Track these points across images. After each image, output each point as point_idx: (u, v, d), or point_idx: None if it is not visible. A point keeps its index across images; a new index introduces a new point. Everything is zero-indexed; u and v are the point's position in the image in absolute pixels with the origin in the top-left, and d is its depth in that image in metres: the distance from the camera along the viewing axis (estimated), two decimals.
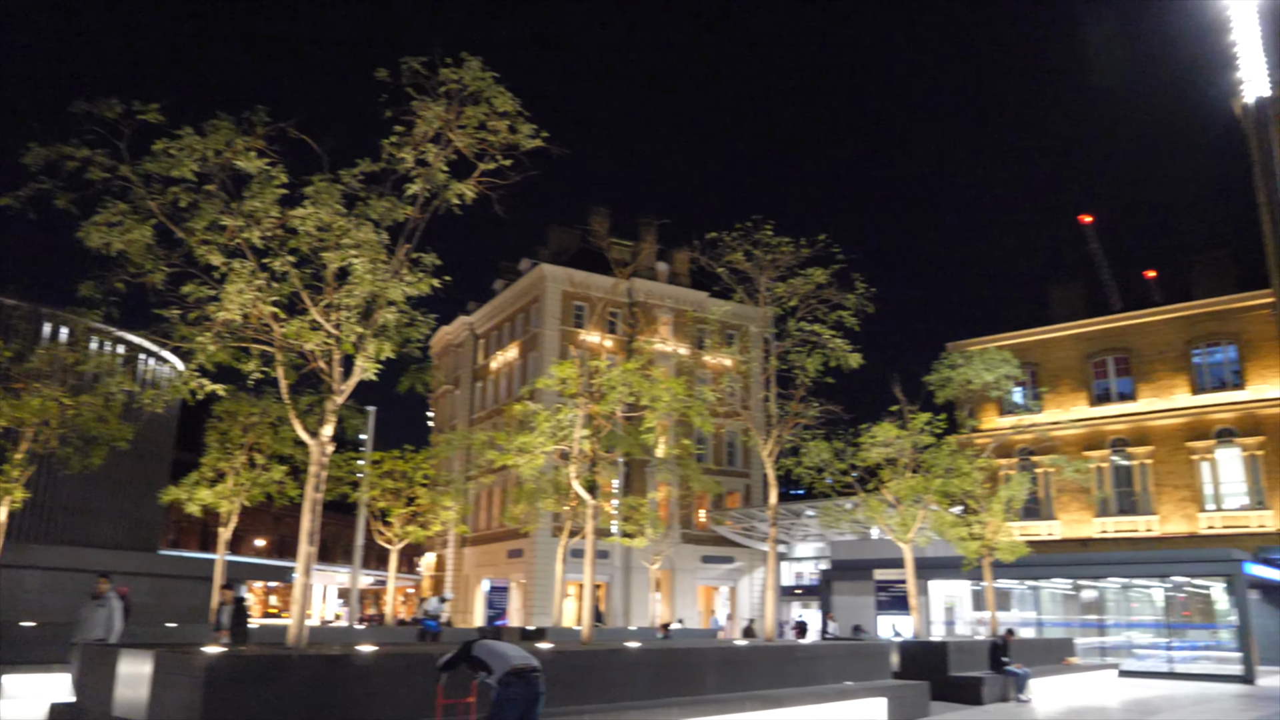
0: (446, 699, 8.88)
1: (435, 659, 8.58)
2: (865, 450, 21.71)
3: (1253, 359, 39.52)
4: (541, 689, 8.04)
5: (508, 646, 8.35)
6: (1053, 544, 42.01)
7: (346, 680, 9.01)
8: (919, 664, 18.77)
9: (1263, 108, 24.73)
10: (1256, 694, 22.77)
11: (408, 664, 9.67)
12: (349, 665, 9.27)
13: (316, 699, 8.63)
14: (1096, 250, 57.79)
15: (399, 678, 9.29)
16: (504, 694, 7.88)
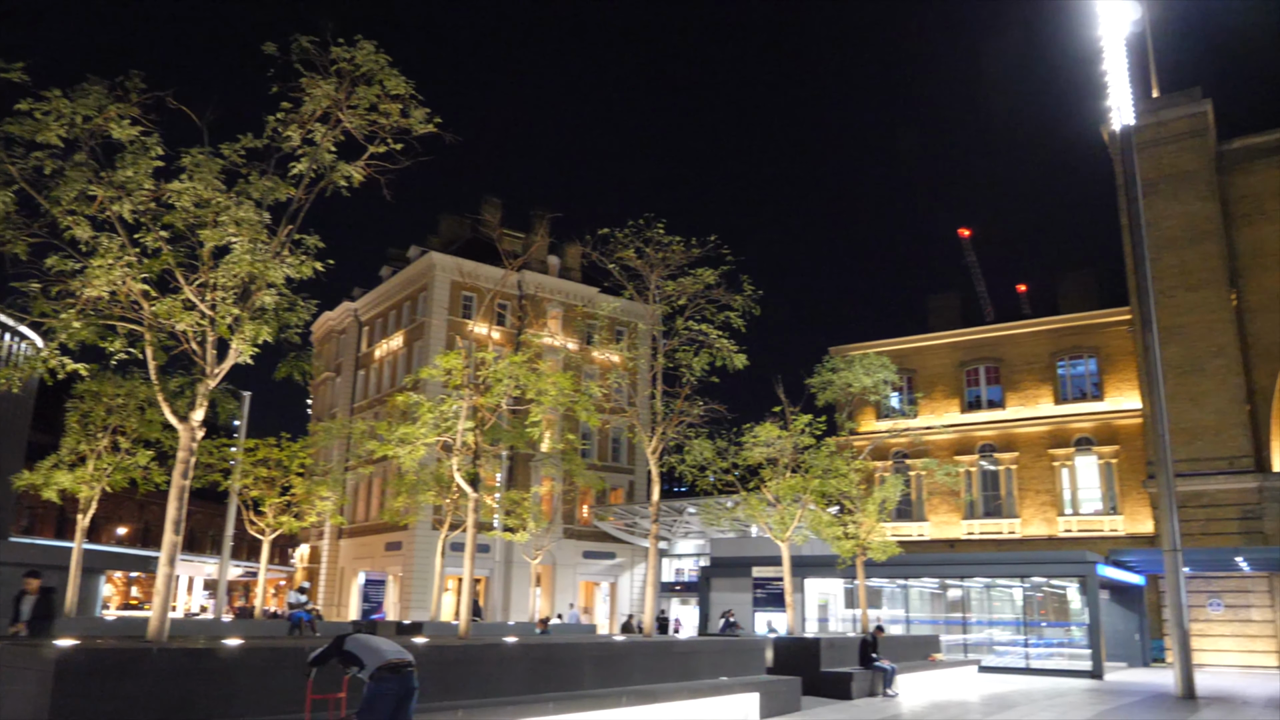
0: (316, 694, 8.64)
1: (305, 653, 8.34)
2: (747, 450, 22.10)
3: (1111, 372, 41.85)
4: (415, 684, 7.91)
5: (381, 641, 8.18)
6: (923, 544, 43.63)
7: (209, 675, 8.66)
8: (792, 660, 19.20)
9: (1127, 135, 26.13)
10: (1104, 688, 24.11)
11: (275, 658, 9.37)
12: (212, 659, 8.92)
13: (177, 694, 8.27)
14: (973, 263, 60.37)
15: (266, 672, 8.99)
16: (376, 689, 7.72)
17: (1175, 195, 38.69)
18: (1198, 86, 39.48)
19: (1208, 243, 37.93)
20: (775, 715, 15.31)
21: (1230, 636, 34.84)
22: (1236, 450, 35.92)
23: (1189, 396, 36.50)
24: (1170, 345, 36.01)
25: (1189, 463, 35.90)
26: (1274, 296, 37.34)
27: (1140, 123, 36.68)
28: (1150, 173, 38.03)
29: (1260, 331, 37.35)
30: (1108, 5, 25.85)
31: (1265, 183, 38.59)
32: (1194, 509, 35.61)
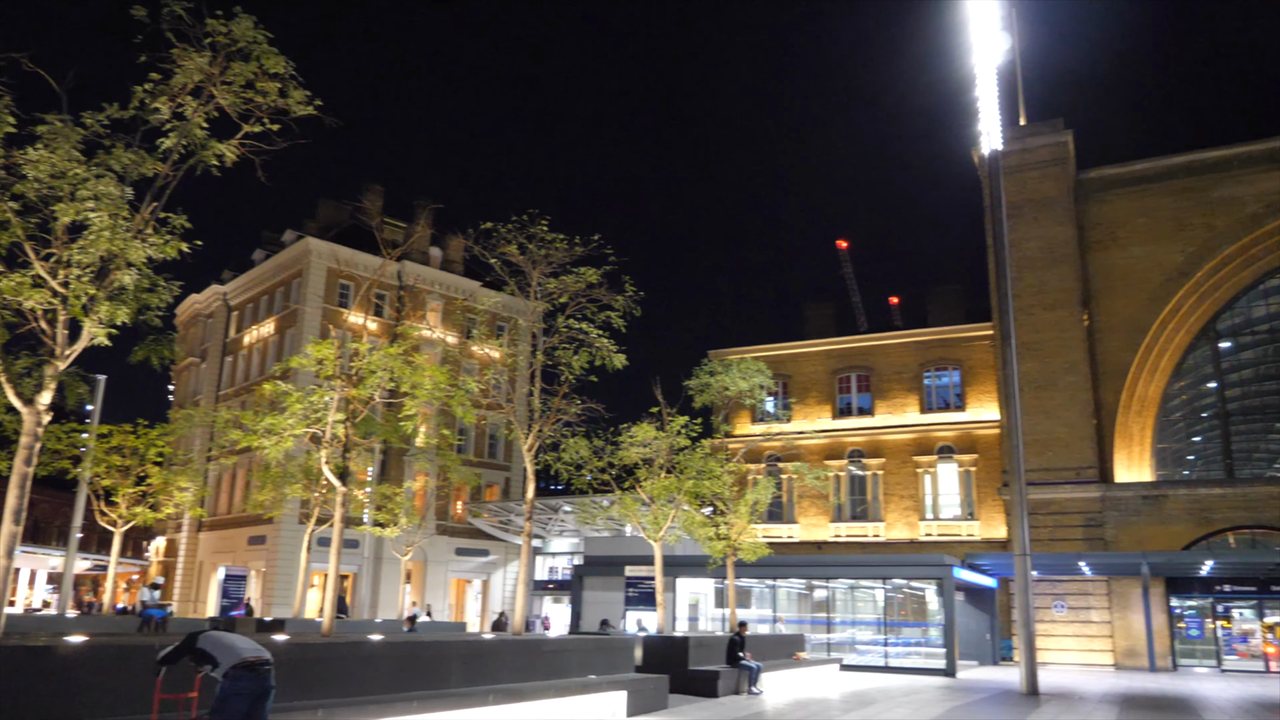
0: (165, 694, 8.25)
1: (155, 651, 7.96)
2: (624, 449, 22.23)
3: (973, 384, 43.81)
4: (272, 683, 7.64)
5: (237, 638, 7.88)
6: (792, 546, 44.73)
7: (49, 673, 8.17)
8: (661, 658, 19.38)
9: (994, 160, 27.41)
10: (956, 685, 25.20)
11: (122, 656, 8.91)
12: (52, 657, 8.42)
13: (11, 694, 7.78)
14: (849, 274, 62.16)
15: (111, 671, 8.54)
16: (230, 688, 7.43)
17: (1037, 219, 40.81)
18: (1061, 118, 41.80)
19: (1064, 265, 40.13)
20: (642, 713, 15.44)
21: (1072, 636, 36.94)
22: (1083, 461, 38.11)
23: (1043, 410, 38.52)
24: (1027, 361, 37.96)
25: (1040, 472, 37.88)
26: (1121, 319, 39.81)
27: (1007, 149, 38.53)
28: (1015, 196, 40.02)
29: (1107, 351, 39.76)
30: (981, 36, 27.04)
31: (1117, 212, 41.13)
32: (1043, 516, 37.60)
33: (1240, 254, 39.36)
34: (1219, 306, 40.31)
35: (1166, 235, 40.17)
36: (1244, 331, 41.93)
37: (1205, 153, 40.54)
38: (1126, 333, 39.71)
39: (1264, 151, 39.46)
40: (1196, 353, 40.96)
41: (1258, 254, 39.49)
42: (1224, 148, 40.31)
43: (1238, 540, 37.43)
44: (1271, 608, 35.88)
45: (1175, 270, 39.62)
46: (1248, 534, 37.21)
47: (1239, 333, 41.86)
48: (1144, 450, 39.75)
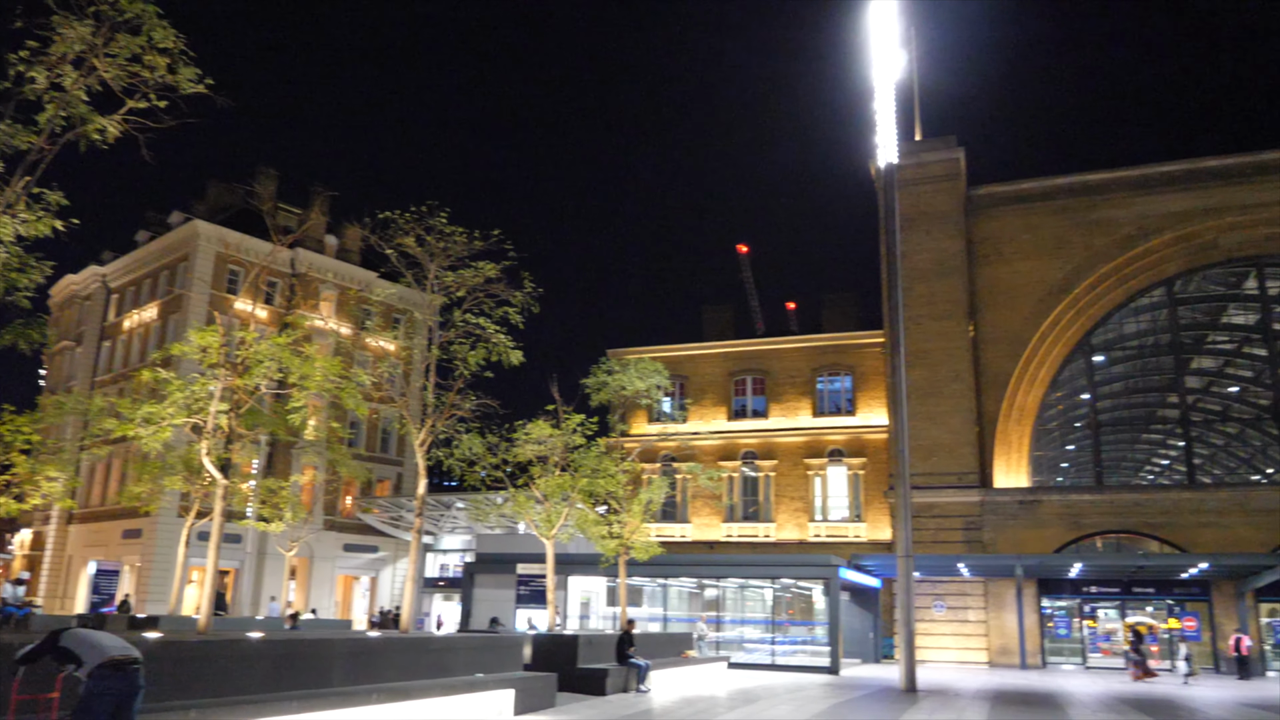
0: (24, 694, 7.83)
1: (13, 649, 7.55)
2: (519, 446, 22.11)
3: (864, 389, 45.00)
4: (140, 683, 7.33)
5: (104, 636, 7.53)
6: (684, 545, 45.16)
7: None
8: (550, 656, 19.34)
9: (890, 173, 28.21)
10: (839, 683, 25.85)
11: None
12: None
13: None
14: (748, 278, 63.11)
15: None
16: (95, 688, 7.09)
17: (929, 232, 42.17)
18: (954, 135, 43.28)
19: (953, 278, 41.58)
20: (529, 712, 15.37)
21: (951, 635, 38.29)
22: (965, 467, 39.55)
23: (929, 416, 39.83)
24: (916, 368, 39.18)
25: (925, 476, 39.15)
26: (1004, 331, 41.47)
27: (902, 163, 39.63)
28: (909, 209, 41.26)
29: (990, 361, 41.37)
30: (881, 51, 27.79)
31: (1003, 228, 42.84)
32: (927, 519, 38.87)
33: (1115, 273, 41.45)
34: (1094, 322, 42.35)
35: (1049, 252, 42.01)
36: (1116, 346, 44.15)
37: (1086, 175, 42.56)
38: (1009, 344, 41.37)
39: (1138, 177, 41.65)
40: (1072, 365, 42.92)
41: (1130, 273, 41.64)
42: (1103, 172, 42.39)
43: (1105, 544, 39.41)
44: (1133, 608, 37.87)
45: (1055, 286, 41.47)
46: (1114, 538, 39.21)
47: (1111, 348, 44.05)
48: (1022, 457, 41.48)
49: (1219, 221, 40.56)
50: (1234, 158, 40.92)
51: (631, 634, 20.97)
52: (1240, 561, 33.08)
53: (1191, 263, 41.82)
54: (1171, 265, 41.82)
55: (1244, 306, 44.32)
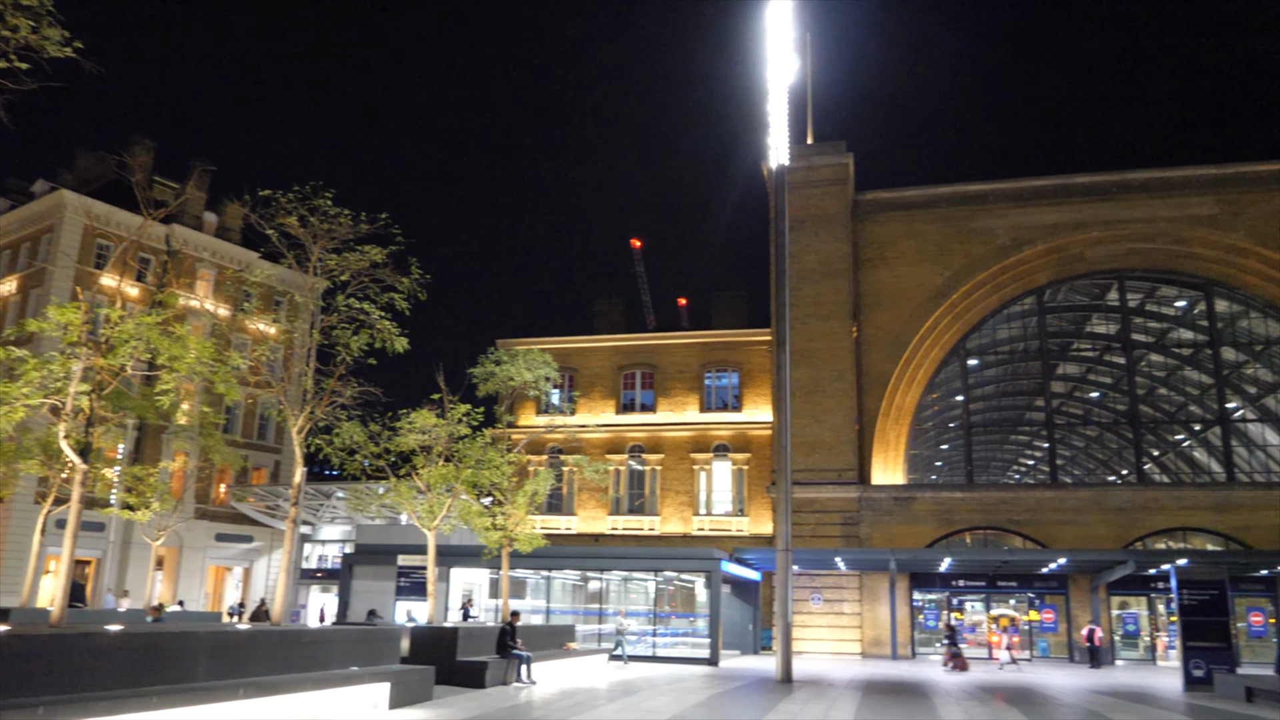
0: None
1: None
2: (402, 436, 21.66)
3: (750, 386, 45.76)
4: None
5: None
6: (570, 537, 45.13)
7: None
8: (429, 649, 19.05)
9: (781, 175, 28.71)
10: (718, 674, 26.23)
11: None
12: None
13: None
14: (641, 273, 63.49)
15: None
16: None
17: (817, 234, 43.14)
18: (844, 140, 44.37)
19: (839, 279, 42.65)
20: (406, 705, 15.10)
21: (826, 627, 39.32)
22: (845, 464, 40.65)
23: (812, 414, 40.78)
24: (800, 367, 40.08)
25: (806, 472, 40.08)
26: (886, 332, 42.78)
27: (794, 165, 40.47)
28: (799, 210, 42.15)
29: (872, 362, 42.63)
30: (776, 55, 28.24)
31: (887, 233, 44.19)
32: (807, 514, 39.81)
33: (990, 280, 43.22)
34: (969, 327, 44.08)
35: (930, 258, 43.51)
36: (989, 351, 46.03)
37: (967, 186, 44.25)
38: (890, 346, 42.70)
39: (1014, 190, 43.54)
40: (948, 368, 44.59)
41: (1005, 281, 43.50)
42: (982, 183, 44.16)
43: (973, 540, 41.11)
44: (997, 601, 39.63)
45: (935, 291, 42.99)
46: (982, 534, 40.94)
47: (985, 352, 45.91)
48: (899, 455, 42.88)
49: (1086, 235, 42.72)
50: (1101, 175, 43.15)
51: (515, 626, 20.83)
52: (1095, 557, 34.95)
53: (1060, 273, 43.95)
54: (1042, 275, 43.86)
55: (1106, 317, 46.82)
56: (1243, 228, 41.29)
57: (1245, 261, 41.61)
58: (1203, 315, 43.68)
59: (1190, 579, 24.83)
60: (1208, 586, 24.65)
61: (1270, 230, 40.99)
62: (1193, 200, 42.05)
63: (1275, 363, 43.88)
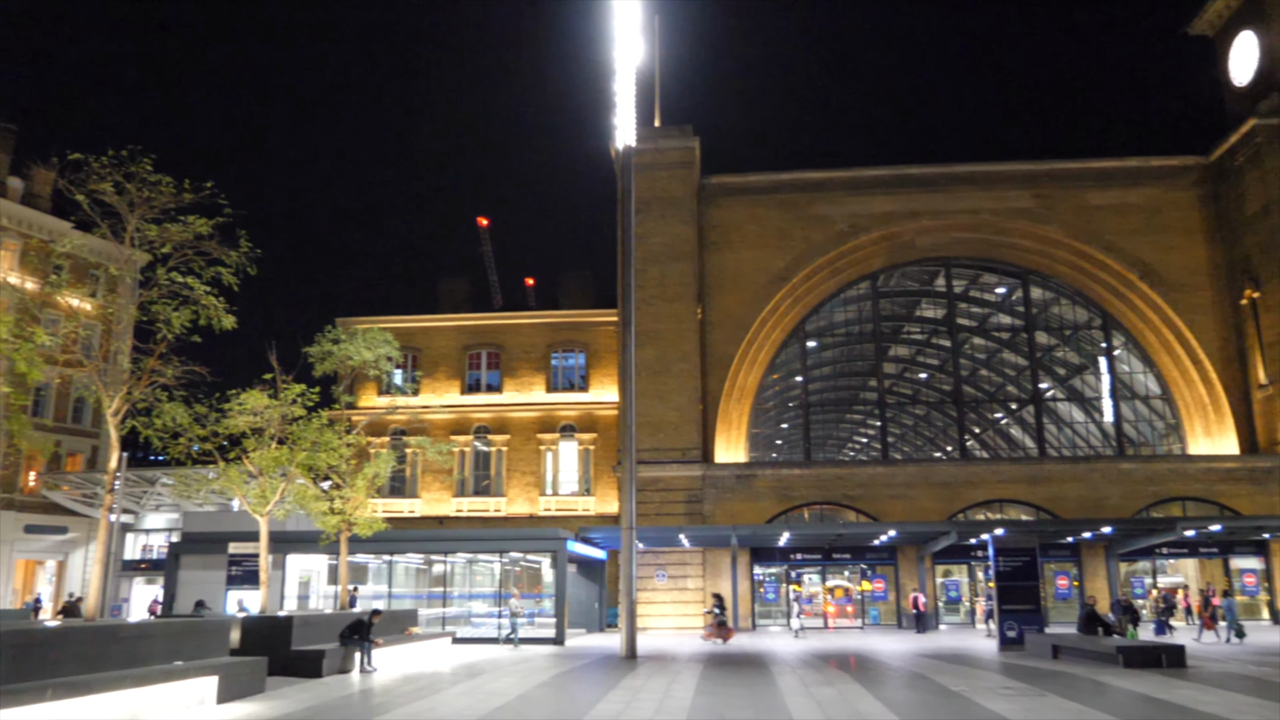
0: None
1: None
2: (231, 417, 20.60)
3: (597, 366, 45.93)
4: None
5: None
6: (413, 521, 44.23)
7: None
8: (262, 640, 18.31)
9: (628, 156, 28.81)
10: (564, 653, 26.31)
11: None
12: None
13: None
14: (488, 252, 62.64)
15: None
16: None
17: (664, 216, 43.59)
18: (691, 124, 44.90)
19: (684, 262, 43.27)
20: (235, 699, 14.45)
21: (671, 603, 40.05)
22: (689, 443, 41.41)
23: (657, 394, 41.30)
24: (646, 348, 40.49)
25: (652, 451, 40.60)
26: (729, 315, 43.76)
27: (641, 147, 40.65)
28: (645, 193, 42.46)
29: (715, 343, 43.55)
30: (624, 34, 28.26)
31: (731, 217, 45.14)
32: (652, 492, 40.36)
33: (828, 265, 44.80)
34: (808, 310, 45.61)
35: (772, 243, 44.71)
36: (827, 334, 47.78)
37: (807, 173, 45.66)
38: (733, 328, 43.70)
39: (850, 179, 45.24)
40: (788, 350, 46.02)
41: (842, 266, 45.18)
42: (821, 171, 45.68)
43: (811, 515, 42.72)
44: (832, 573, 41.34)
45: (776, 275, 44.22)
46: (819, 509, 42.58)
47: (823, 334, 47.63)
48: (741, 434, 44.02)
49: (917, 224, 44.84)
50: (931, 167, 45.35)
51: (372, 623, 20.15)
52: (921, 529, 36.93)
53: (893, 260, 46.02)
54: (876, 261, 45.81)
55: (934, 302, 49.39)
56: (1056, 220, 44.27)
57: (1058, 252, 44.64)
58: (1020, 302, 46.66)
59: (1005, 547, 26.55)
60: (1021, 554, 26.43)
61: (1080, 223, 44.11)
62: (1012, 194, 44.78)
63: (1082, 347, 47.40)
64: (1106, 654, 19.88)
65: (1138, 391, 45.80)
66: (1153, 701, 13.97)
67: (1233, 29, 45.92)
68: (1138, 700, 14.25)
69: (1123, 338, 45.34)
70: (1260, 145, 41.68)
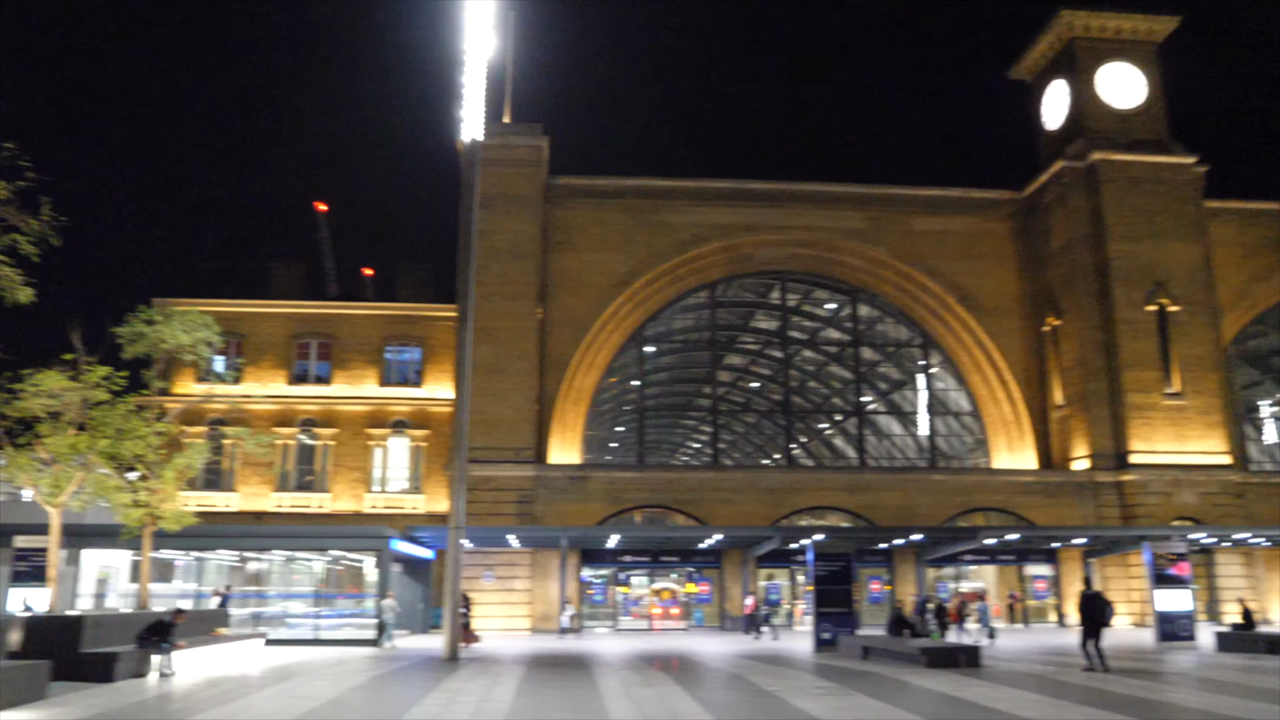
0: None
1: None
2: (24, 400, 18.96)
3: (433, 362, 44.99)
4: None
5: None
6: (229, 516, 42.06)
7: None
8: (46, 641, 16.92)
9: (475, 150, 28.41)
10: (384, 655, 25.60)
11: None
12: None
13: None
14: (325, 238, 60.26)
15: None
16: None
17: (509, 213, 43.13)
18: (540, 123, 44.67)
19: (527, 260, 42.97)
20: (10, 707, 13.28)
21: (498, 604, 39.61)
22: (524, 443, 41.11)
23: (493, 392, 40.80)
24: (484, 345, 39.91)
25: (485, 450, 40.05)
26: (569, 316, 43.77)
27: (488, 141, 40.01)
28: (491, 188, 41.86)
29: (554, 344, 43.46)
30: (476, 25, 27.80)
31: (577, 218, 45.20)
32: (484, 491, 39.81)
33: (670, 272, 45.49)
34: (648, 315, 46.18)
35: (615, 247, 45.02)
36: (665, 340, 48.55)
37: (653, 181, 46.25)
38: (573, 329, 43.72)
39: (695, 189, 46.15)
40: (626, 354, 46.45)
41: (683, 274, 45.97)
42: (667, 180, 46.40)
43: (642, 518, 43.21)
44: (660, 575, 41.95)
45: (619, 279, 44.55)
46: (650, 512, 43.13)
47: (661, 340, 48.36)
48: (576, 436, 44.07)
49: (756, 237, 46.16)
50: (772, 184, 46.80)
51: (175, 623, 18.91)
52: (746, 533, 37.96)
53: (732, 270, 47.19)
54: (716, 271, 46.85)
55: (769, 314, 50.97)
56: (884, 243, 46.51)
57: (884, 273, 46.90)
58: (849, 318, 48.75)
59: (824, 552, 27.61)
60: (838, 559, 27.53)
61: (906, 247, 46.50)
62: (845, 214, 46.75)
63: (903, 364, 49.95)
64: (911, 655, 20.94)
65: (951, 408, 48.64)
66: (949, 699, 14.78)
67: (1047, 76, 49.54)
68: (936, 698, 15.05)
69: (940, 356, 48.05)
70: (1067, 186, 45.10)
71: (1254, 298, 47.20)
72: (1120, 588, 40.98)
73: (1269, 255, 47.30)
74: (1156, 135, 46.22)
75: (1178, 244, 44.32)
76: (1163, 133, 46.45)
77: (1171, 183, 45.14)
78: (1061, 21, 47.03)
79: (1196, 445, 42.52)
